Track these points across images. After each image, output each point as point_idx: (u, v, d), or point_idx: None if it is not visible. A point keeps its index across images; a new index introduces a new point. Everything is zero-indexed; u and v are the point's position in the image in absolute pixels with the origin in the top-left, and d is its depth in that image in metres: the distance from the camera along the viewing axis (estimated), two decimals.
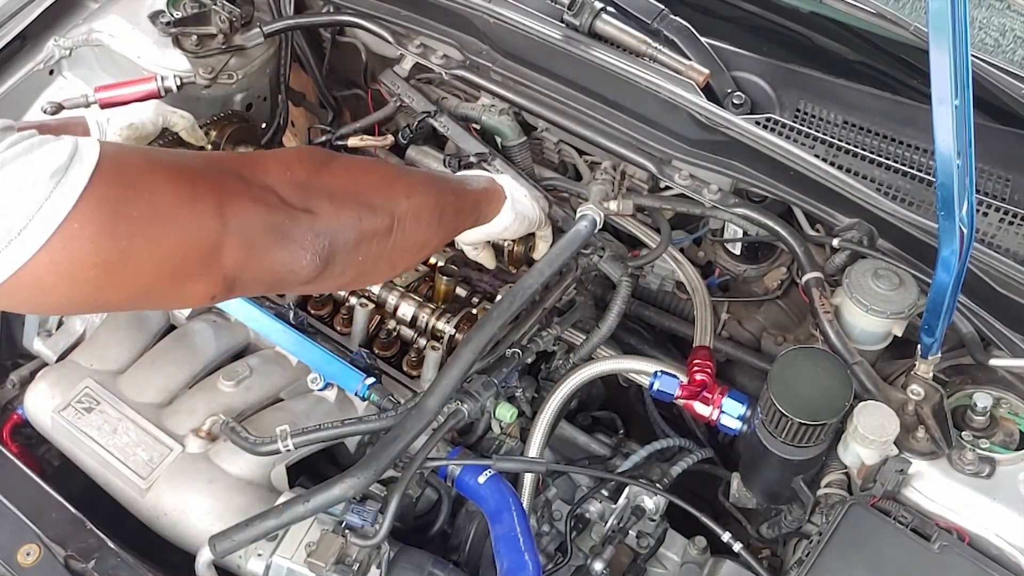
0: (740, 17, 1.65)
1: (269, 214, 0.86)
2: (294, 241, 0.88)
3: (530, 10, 1.48)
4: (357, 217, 0.94)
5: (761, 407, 1.11)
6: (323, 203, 0.91)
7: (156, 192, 0.77)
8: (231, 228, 0.82)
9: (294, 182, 0.90)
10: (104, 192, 0.73)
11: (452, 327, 1.34)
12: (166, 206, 0.78)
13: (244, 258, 0.84)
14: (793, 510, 1.21)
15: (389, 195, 1.01)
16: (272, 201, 0.87)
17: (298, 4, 1.69)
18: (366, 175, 1.02)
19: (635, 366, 1.30)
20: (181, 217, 0.79)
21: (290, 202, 0.88)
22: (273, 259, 0.87)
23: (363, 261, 0.97)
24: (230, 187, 0.84)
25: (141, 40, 1.58)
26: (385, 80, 1.58)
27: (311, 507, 1.02)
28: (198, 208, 0.80)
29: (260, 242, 0.85)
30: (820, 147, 1.37)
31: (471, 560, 1.24)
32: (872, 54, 1.57)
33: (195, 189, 0.81)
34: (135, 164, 0.79)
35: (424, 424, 1.06)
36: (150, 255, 0.77)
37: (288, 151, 1.03)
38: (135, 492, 1.18)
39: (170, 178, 0.79)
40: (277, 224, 0.86)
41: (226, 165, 0.87)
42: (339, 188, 0.95)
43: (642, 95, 1.39)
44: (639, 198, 1.44)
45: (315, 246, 0.89)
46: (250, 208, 0.84)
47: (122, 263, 0.75)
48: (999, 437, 1.16)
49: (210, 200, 0.81)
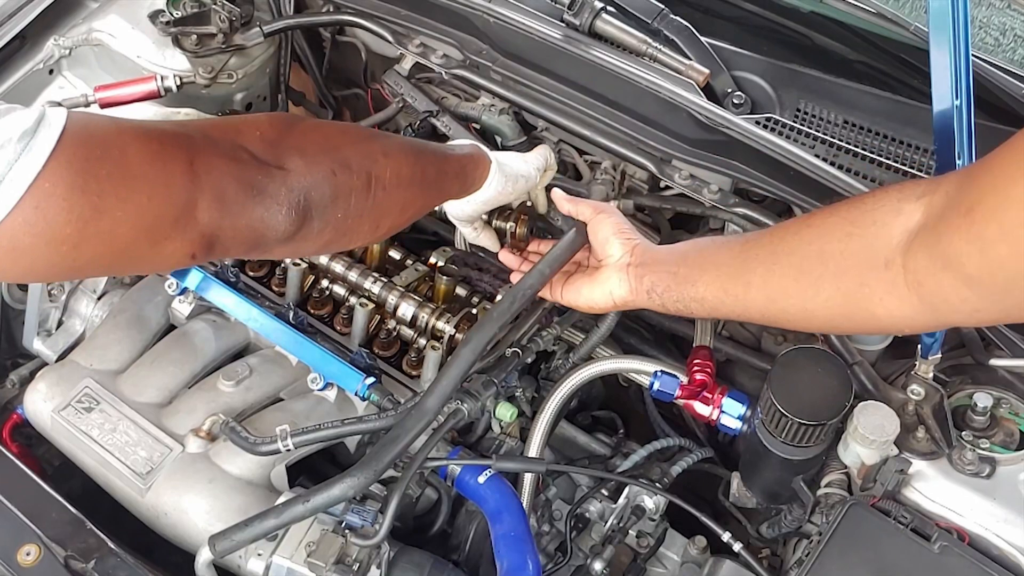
0: (740, 17, 1.65)
1: (241, 170, 0.86)
2: (268, 196, 0.88)
3: (530, 10, 1.48)
4: (331, 171, 0.94)
5: (761, 407, 1.11)
6: (295, 159, 0.91)
7: (126, 151, 0.78)
8: (203, 184, 0.82)
9: (265, 140, 0.90)
10: (74, 152, 0.74)
11: (452, 327, 1.34)
12: (136, 163, 0.78)
13: (219, 215, 0.84)
14: (793, 510, 1.21)
15: (364, 153, 1.00)
16: (243, 158, 0.87)
17: (298, 4, 1.69)
18: (339, 134, 1.02)
19: (635, 366, 1.29)
20: (151, 174, 0.79)
21: (262, 159, 0.88)
22: (250, 215, 0.87)
23: (343, 219, 0.96)
24: (200, 146, 0.84)
25: (141, 40, 1.58)
26: (388, 80, 1.58)
27: (311, 507, 1.02)
28: (168, 166, 0.80)
29: (234, 198, 0.85)
30: (820, 147, 1.37)
31: (471, 560, 1.24)
32: (872, 54, 1.57)
33: (164, 147, 0.81)
34: (103, 127, 0.80)
35: (424, 424, 1.06)
36: (123, 212, 0.77)
37: (258, 115, 1.02)
38: (135, 492, 1.18)
39: (138, 138, 0.80)
40: (249, 179, 0.86)
41: (195, 127, 0.88)
42: (311, 145, 0.94)
43: (642, 95, 1.39)
44: (639, 198, 1.44)
45: (290, 200, 0.89)
46: (221, 164, 0.85)
47: (96, 220, 0.75)
48: (999, 437, 1.16)
49: (180, 157, 0.81)
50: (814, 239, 0.93)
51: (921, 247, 0.81)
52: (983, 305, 0.77)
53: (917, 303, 0.82)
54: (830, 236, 0.90)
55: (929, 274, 0.80)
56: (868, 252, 0.86)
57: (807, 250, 0.93)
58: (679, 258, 1.09)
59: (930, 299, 0.81)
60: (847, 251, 0.88)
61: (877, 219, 0.86)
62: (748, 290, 0.99)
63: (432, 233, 1.70)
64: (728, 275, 1.01)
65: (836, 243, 0.89)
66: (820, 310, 0.92)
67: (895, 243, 0.83)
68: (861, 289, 0.87)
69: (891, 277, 0.83)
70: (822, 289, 0.91)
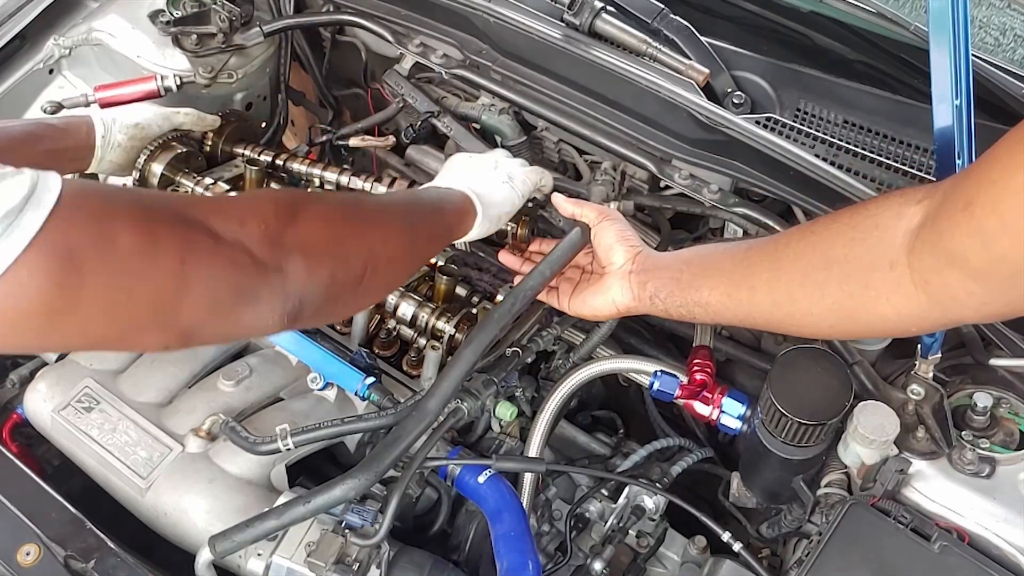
0: (740, 16, 1.65)
1: (238, 275, 0.81)
2: (262, 302, 0.83)
3: (530, 9, 1.48)
4: (330, 273, 0.89)
5: (761, 407, 1.11)
6: (296, 260, 0.85)
7: (115, 240, 0.73)
8: (192, 286, 0.77)
9: (267, 236, 0.84)
10: (57, 239, 0.69)
11: (452, 327, 1.34)
12: (124, 257, 0.73)
13: (205, 316, 0.80)
14: (793, 510, 1.21)
15: (365, 243, 0.96)
16: (242, 261, 0.81)
17: (298, 3, 1.69)
18: (342, 223, 0.95)
19: (635, 366, 1.29)
20: (139, 270, 0.74)
21: (262, 259, 0.83)
22: (237, 319, 0.83)
23: (330, 312, 0.94)
24: (196, 241, 0.79)
25: (141, 39, 1.58)
26: (389, 80, 1.58)
27: (311, 508, 1.02)
28: (159, 261, 0.75)
29: (225, 302, 0.81)
30: (820, 147, 1.37)
31: (471, 560, 1.24)
32: (872, 54, 1.57)
33: (157, 240, 0.75)
34: (96, 208, 0.74)
35: (425, 425, 1.06)
36: (101, 308, 0.73)
37: (260, 198, 0.94)
38: (135, 492, 1.18)
39: (131, 225, 0.74)
40: (244, 286, 0.81)
41: (194, 214, 0.81)
42: (314, 241, 0.89)
43: (642, 94, 1.39)
44: (639, 198, 1.44)
45: (284, 307, 0.85)
46: (217, 267, 0.80)
47: (70, 314, 0.71)
48: (999, 437, 1.16)
49: (173, 253, 0.76)
50: (817, 244, 0.93)
51: (924, 245, 0.81)
52: (990, 298, 0.77)
53: (925, 301, 0.82)
54: (833, 241, 0.90)
55: (934, 272, 0.80)
56: (872, 255, 0.86)
57: (811, 255, 0.93)
58: (683, 263, 1.09)
59: (937, 296, 0.81)
60: (851, 255, 0.88)
61: (879, 223, 0.86)
62: (753, 295, 0.99)
63: None
64: (732, 280, 1.01)
65: (840, 248, 0.89)
66: (826, 314, 0.92)
67: (898, 244, 0.83)
68: (867, 291, 0.87)
69: (896, 277, 0.84)
70: (827, 293, 0.91)
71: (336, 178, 1.49)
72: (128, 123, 1.29)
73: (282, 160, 1.53)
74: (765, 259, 0.99)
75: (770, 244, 1.00)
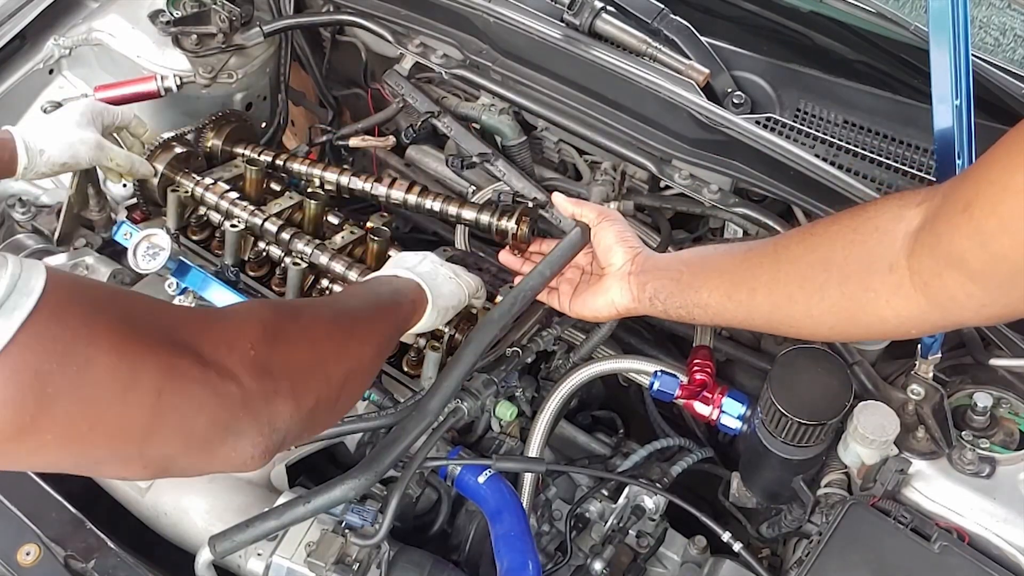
0: (740, 17, 1.65)
1: (221, 408, 0.76)
2: (245, 436, 0.78)
3: (530, 10, 1.48)
4: (316, 398, 0.85)
5: (761, 407, 1.11)
6: (284, 388, 0.81)
7: (90, 364, 0.67)
8: (167, 420, 0.72)
9: (255, 362, 0.79)
10: (27, 356, 0.63)
11: (452, 327, 1.34)
12: (94, 383, 0.67)
13: (177, 450, 0.75)
14: (793, 510, 1.21)
15: (345, 359, 0.93)
16: (229, 392, 0.76)
17: (298, 3, 1.69)
18: (326, 339, 0.92)
19: (635, 366, 1.29)
20: (111, 399, 0.68)
21: (250, 389, 0.77)
22: (212, 454, 0.77)
23: (307, 436, 0.90)
24: (180, 369, 0.72)
25: (141, 39, 1.58)
26: (389, 80, 1.58)
27: (312, 508, 1.02)
28: (134, 392, 0.69)
29: (201, 438, 0.75)
30: (820, 147, 1.37)
31: (471, 560, 1.24)
32: (872, 54, 1.57)
33: (136, 369, 0.69)
34: (74, 324, 0.67)
35: (425, 425, 1.06)
36: (57, 435, 0.67)
37: (246, 318, 0.86)
38: (135, 492, 1.18)
39: (110, 350, 0.68)
40: (229, 421, 0.76)
41: (183, 336, 0.75)
42: (300, 364, 0.85)
43: (642, 95, 1.39)
44: (639, 198, 1.44)
45: (268, 441, 0.79)
46: (198, 399, 0.74)
47: (30, 435, 0.65)
48: (999, 437, 1.16)
49: (151, 384, 0.70)
50: (817, 247, 0.93)
51: (923, 248, 0.81)
52: (989, 300, 0.77)
53: (925, 303, 0.82)
54: (833, 244, 0.90)
55: (934, 274, 0.80)
56: (871, 257, 0.86)
57: (811, 257, 0.93)
58: (682, 264, 1.09)
59: (937, 298, 0.81)
60: (850, 257, 0.88)
61: (879, 226, 0.86)
62: (753, 296, 0.99)
63: (432, 233, 1.71)
64: (732, 281, 1.01)
65: (839, 250, 0.89)
66: (825, 315, 0.92)
67: (898, 247, 0.83)
68: (866, 293, 0.87)
69: (896, 280, 0.83)
70: (827, 295, 0.90)
71: (336, 178, 1.49)
72: (55, 161, 1.25)
73: (282, 160, 1.53)
74: (765, 261, 0.99)
75: (769, 246, 1.00)
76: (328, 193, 1.47)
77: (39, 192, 1.54)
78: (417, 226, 1.75)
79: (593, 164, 1.54)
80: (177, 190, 1.42)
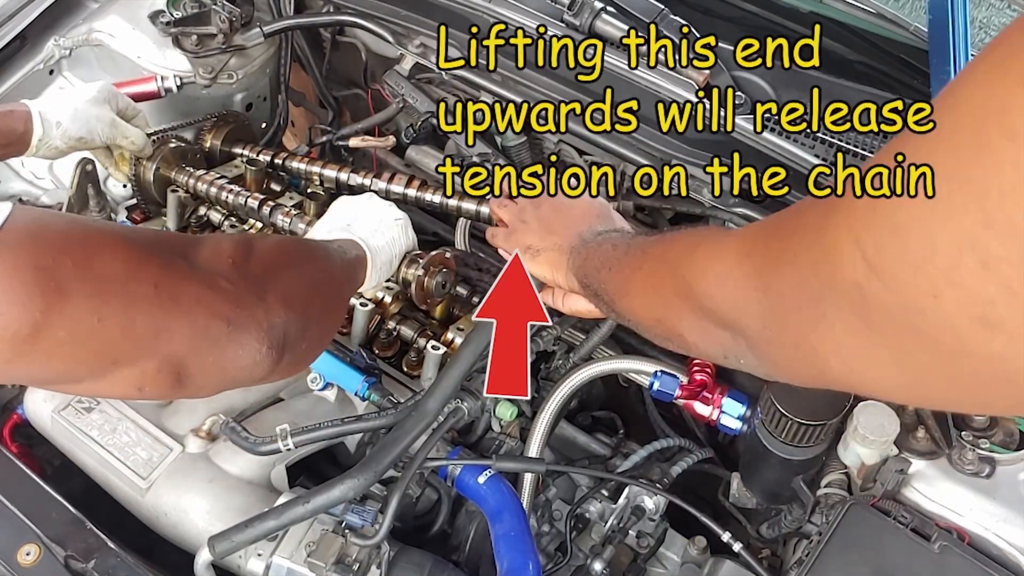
0: (740, 17, 1.65)
1: (220, 303, 0.78)
2: (248, 332, 0.80)
3: (530, 10, 1.48)
4: (302, 301, 0.88)
5: (761, 407, 1.11)
6: (267, 286, 0.84)
7: (89, 260, 0.68)
8: (171, 312, 0.74)
9: (238, 268, 0.83)
10: (21, 254, 0.64)
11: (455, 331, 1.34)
12: (97, 278, 0.69)
13: (187, 348, 0.76)
14: (793, 510, 1.21)
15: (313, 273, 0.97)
16: (223, 288, 0.79)
17: (298, 4, 1.69)
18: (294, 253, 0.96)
19: (635, 366, 1.29)
20: (116, 292, 0.69)
21: (239, 287, 0.81)
22: (223, 351, 0.79)
23: (305, 346, 0.91)
24: (176, 268, 0.76)
25: (141, 40, 1.58)
26: (389, 80, 1.58)
27: (311, 508, 1.02)
28: (135, 287, 0.71)
29: (207, 333, 0.77)
30: (820, 147, 1.37)
31: (471, 560, 1.24)
32: (872, 54, 1.57)
33: (134, 264, 0.71)
34: (60, 228, 0.69)
35: (424, 425, 1.06)
36: (73, 327, 0.67)
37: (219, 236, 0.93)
38: (135, 492, 1.18)
39: (106, 246, 0.70)
40: (230, 315, 0.78)
41: (167, 244, 0.79)
42: (276, 269, 0.88)
43: (642, 95, 1.39)
44: (639, 198, 1.44)
45: (271, 337, 0.82)
46: (197, 296, 0.76)
47: (45, 331, 0.66)
48: (999, 437, 1.16)
49: (149, 279, 0.72)
50: None
51: None
52: None
53: None
54: None
55: None
56: None
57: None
58: None
59: None
60: None
61: None
62: None
63: (432, 233, 1.70)
64: None
65: None
66: None
67: None
68: None
69: None
70: None
71: (336, 175, 1.49)
72: (71, 135, 1.24)
73: (281, 160, 1.53)
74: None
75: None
76: (328, 191, 1.47)
77: (39, 192, 1.55)
78: (417, 226, 1.74)
79: (593, 164, 1.54)
80: (177, 190, 1.42)
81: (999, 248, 0.41)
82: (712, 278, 0.69)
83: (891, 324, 0.49)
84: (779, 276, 0.59)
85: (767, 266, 0.62)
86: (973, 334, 0.44)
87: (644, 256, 0.91)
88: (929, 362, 0.49)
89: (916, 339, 0.48)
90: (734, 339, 0.69)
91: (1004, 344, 0.43)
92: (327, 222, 1.19)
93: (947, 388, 0.51)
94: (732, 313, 0.67)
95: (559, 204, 1.17)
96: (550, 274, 1.11)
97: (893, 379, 0.53)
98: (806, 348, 0.58)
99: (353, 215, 1.19)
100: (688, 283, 0.74)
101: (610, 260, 0.97)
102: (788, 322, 0.59)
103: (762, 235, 0.65)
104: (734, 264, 0.66)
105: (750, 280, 0.63)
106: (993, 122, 0.41)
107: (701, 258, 0.73)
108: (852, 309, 0.51)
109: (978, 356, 0.45)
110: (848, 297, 0.51)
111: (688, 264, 0.75)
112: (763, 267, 0.62)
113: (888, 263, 0.47)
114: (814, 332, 0.56)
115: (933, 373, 0.50)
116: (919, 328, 0.47)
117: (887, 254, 0.47)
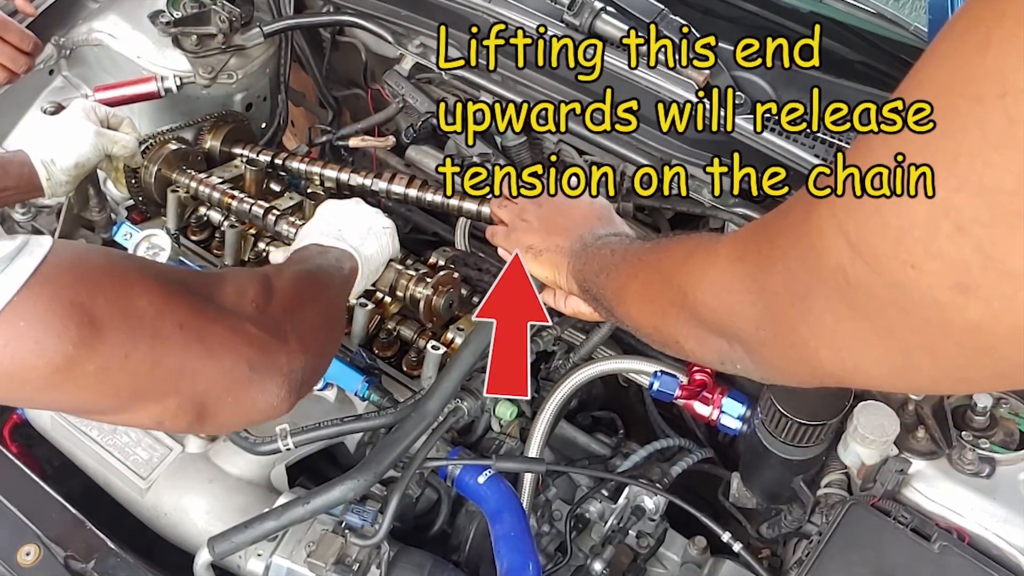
0: (740, 17, 1.65)
1: (246, 347, 0.80)
2: (270, 377, 0.82)
3: (530, 10, 1.48)
4: (320, 342, 0.91)
5: (761, 407, 1.11)
6: (289, 331, 0.86)
7: (119, 297, 0.71)
8: (197, 353, 0.76)
9: (261, 312, 0.85)
10: (57, 289, 0.67)
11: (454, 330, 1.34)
12: (127, 315, 0.71)
13: (210, 388, 0.78)
14: (793, 510, 1.21)
15: (326, 305, 0.99)
16: (249, 331, 0.81)
17: (298, 4, 1.69)
18: (309, 291, 0.97)
19: (635, 366, 1.29)
20: (144, 330, 0.72)
21: (263, 333, 0.83)
22: (244, 395, 0.81)
23: (316, 378, 0.95)
24: (203, 311, 0.78)
25: (141, 40, 1.58)
26: (389, 80, 1.58)
27: (311, 509, 1.02)
28: (163, 326, 0.73)
29: (231, 376, 0.79)
30: (820, 147, 1.37)
31: (471, 560, 1.24)
32: (872, 54, 1.57)
33: (162, 304, 0.74)
34: (97, 264, 0.73)
35: (424, 426, 1.06)
36: (103, 363, 0.70)
37: (242, 273, 0.94)
38: (135, 492, 1.18)
39: (135, 284, 0.73)
40: (253, 360, 0.80)
41: (196, 284, 0.82)
42: (295, 309, 0.90)
43: (642, 95, 1.39)
44: (639, 198, 1.44)
45: (291, 380, 0.84)
46: (222, 339, 0.78)
47: (77, 364, 0.68)
48: (999, 437, 1.16)
49: (177, 321, 0.75)
50: None
51: None
52: None
53: None
54: None
55: None
56: None
57: None
58: None
59: None
60: None
61: None
62: None
63: (432, 233, 1.71)
64: None
65: None
66: None
67: None
68: None
69: None
70: None
71: (336, 175, 1.49)
72: (67, 165, 1.26)
73: (281, 160, 1.53)
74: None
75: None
76: (328, 192, 1.47)
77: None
78: (417, 226, 1.75)
79: (593, 164, 1.54)
80: (177, 190, 1.42)
81: (971, 210, 0.42)
82: (707, 286, 0.70)
83: (875, 304, 0.50)
84: (771, 276, 0.60)
85: (759, 268, 0.62)
86: (952, 303, 0.45)
87: (639, 264, 0.91)
88: (914, 340, 0.50)
89: (900, 316, 0.49)
90: (730, 345, 0.70)
91: (980, 311, 0.44)
92: (319, 225, 1.19)
93: (933, 367, 0.51)
94: (727, 319, 0.68)
95: (561, 205, 1.17)
96: (551, 275, 1.11)
97: (882, 364, 0.54)
98: (798, 344, 0.58)
99: (343, 220, 1.19)
100: (683, 292, 0.75)
101: (608, 265, 0.98)
102: (781, 321, 0.60)
103: (752, 238, 0.66)
104: (727, 270, 0.67)
105: (743, 284, 0.64)
106: (958, 92, 0.43)
107: (695, 268, 0.74)
108: (839, 296, 0.52)
109: (957, 327, 0.46)
110: (835, 283, 0.51)
111: (683, 274, 0.76)
112: (755, 269, 0.63)
113: (869, 240, 0.48)
114: (804, 324, 0.57)
115: (918, 353, 0.50)
116: (901, 305, 0.48)
117: (868, 232, 0.48)
